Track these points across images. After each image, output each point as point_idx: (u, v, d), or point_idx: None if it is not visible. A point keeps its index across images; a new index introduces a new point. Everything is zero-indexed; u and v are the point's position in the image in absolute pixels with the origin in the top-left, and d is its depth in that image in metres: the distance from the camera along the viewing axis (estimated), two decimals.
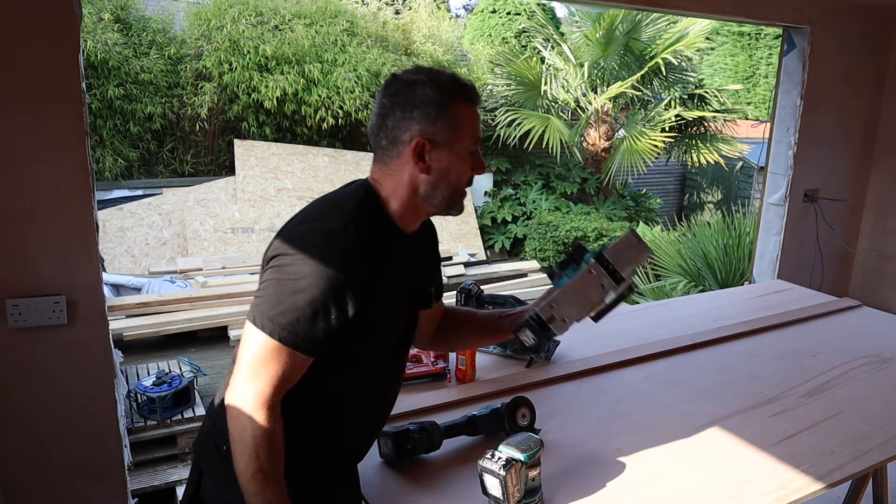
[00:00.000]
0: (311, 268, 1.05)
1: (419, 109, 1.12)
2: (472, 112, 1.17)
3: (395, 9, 8.24)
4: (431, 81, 1.14)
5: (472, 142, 1.17)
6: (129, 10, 6.92)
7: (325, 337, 1.08)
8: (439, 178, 1.16)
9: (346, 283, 1.07)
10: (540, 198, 8.07)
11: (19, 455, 1.87)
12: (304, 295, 1.05)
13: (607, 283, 1.30)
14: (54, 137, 1.76)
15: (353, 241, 1.08)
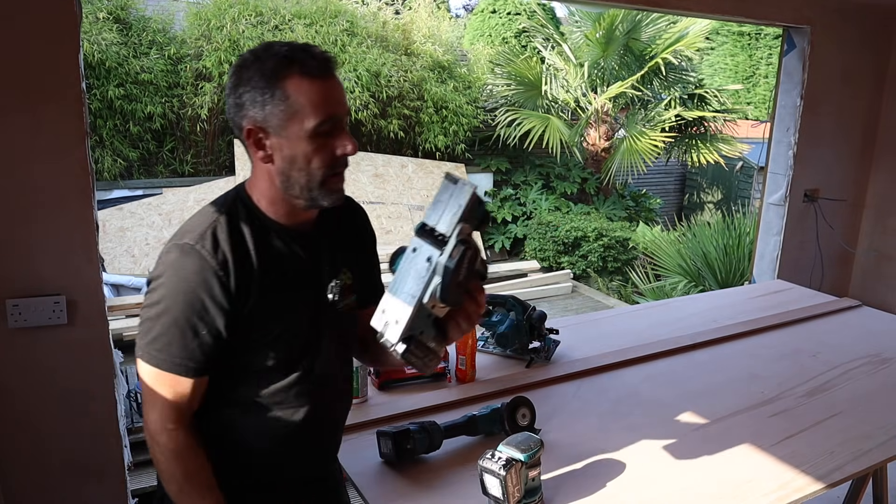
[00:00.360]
0: (167, 289, 1.04)
1: (247, 94, 1.03)
2: (312, 86, 1.02)
3: (395, 9, 8.23)
4: (257, 59, 1.03)
5: (317, 120, 1.02)
6: (128, 9, 6.92)
7: (203, 354, 1.05)
8: (287, 167, 1.05)
9: (204, 296, 1.03)
10: (540, 198, 8.07)
11: (19, 455, 1.87)
12: (167, 318, 1.03)
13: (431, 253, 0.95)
14: (54, 137, 1.75)
15: (208, 252, 1.03)
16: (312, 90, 1.02)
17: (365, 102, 7.12)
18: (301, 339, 1.15)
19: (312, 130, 1.03)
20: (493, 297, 1.94)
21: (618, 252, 6.93)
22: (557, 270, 6.92)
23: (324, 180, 1.07)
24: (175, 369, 1.05)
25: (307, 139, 1.03)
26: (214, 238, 1.05)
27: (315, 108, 1.02)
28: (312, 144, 1.04)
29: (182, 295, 1.03)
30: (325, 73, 1.04)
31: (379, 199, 7.11)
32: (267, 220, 1.11)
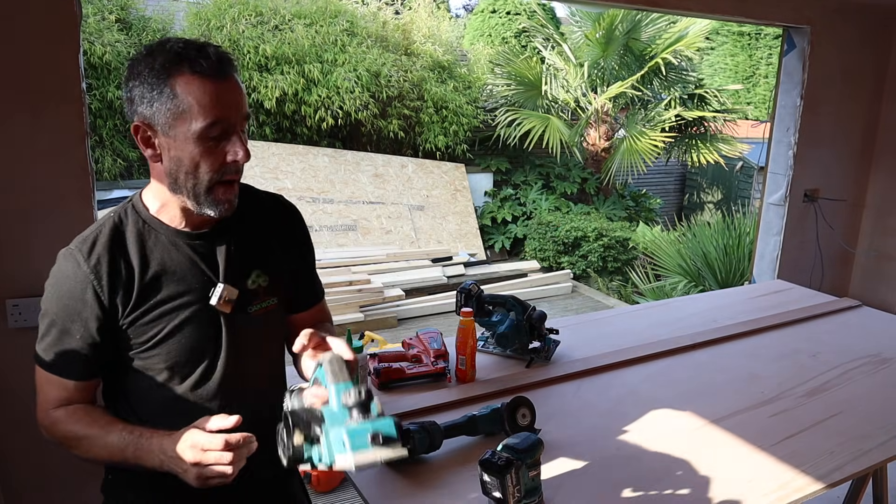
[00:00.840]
0: (47, 293, 1.06)
1: (136, 89, 0.99)
2: (203, 86, 0.97)
3: (395, 9, 8.24)
4: (150, 54, 0.98)
5: (205, 122, 0.98)
6: (129, 10, 6.93)
7: (81, 357, 1.06)
8: (175, 168, 1.01)
9: (76, 301, 1.04)
10: (540, 198, 8.07)
11: (19, 455, 1.87)
12: (47, 320, 1.07)
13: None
14: (54, 137, 1.76)
15: (83, 257, 1.04)
16: (202, 90, 0.97)
17: (365, 102, 7.12)
18: (191, 343, 1.10)
19: (200, 132, 0.98)
20: (493, 297, 1.94)
21: (618, 252, 6.94)
22: (557, 270, 6.93)
23: (211, 187, 1.03)
24: (56, 371, 1.08)
25: (194, 141, 0.99)
26: (93, 243, 1.05)
27: (203, 110, 0.97)
28: (199, 147, 0.99)
29: (56, 300, 1.05)
30: (219, 73, 0.99)
31: (379, 199, 7.11)
32: (156, 224, 1.09)
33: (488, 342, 1.96)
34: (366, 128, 7.45)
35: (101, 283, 1.04)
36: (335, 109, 7.02)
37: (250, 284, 1.15)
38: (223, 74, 1.00)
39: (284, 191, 6.74)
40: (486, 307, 1.92)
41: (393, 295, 5.65)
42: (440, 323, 5.49)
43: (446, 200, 7.50)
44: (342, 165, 7.14)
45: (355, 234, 6.79)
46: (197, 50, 0.99)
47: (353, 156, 7.30)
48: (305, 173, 6.92)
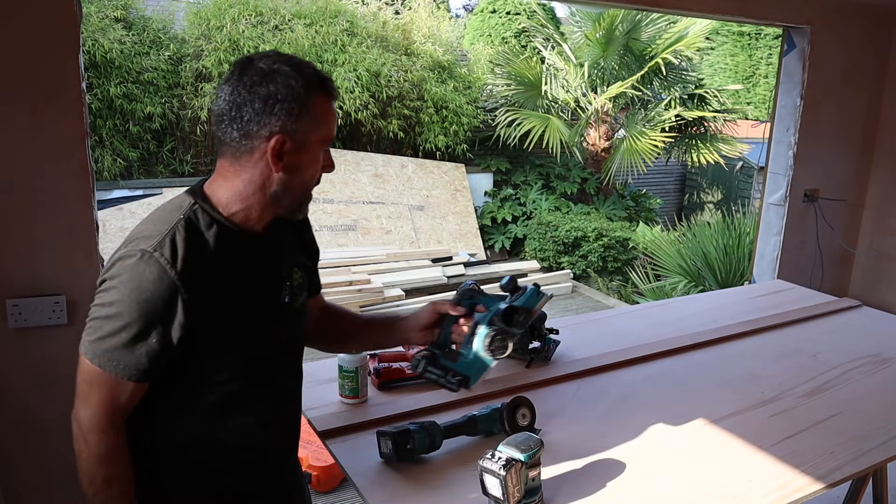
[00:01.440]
0: (121, 294, 1.02)
1: (283, 104, 1.04)
2: (330, 108, 1.10)
3: (395, 9, 8.24)
4: (296, 73, 1.05)
5: (329, 139, 1.12)
6: (129, 9, 6.93)
7: (149, 361, 1.05)
8: (293, 178, 1.10)
9: (160, 306, 1.02)
10: (540, 198, 8.07)
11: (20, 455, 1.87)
12: (118, 321, 1.02)
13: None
14: (54, 137, 1.76)
15: (167, 261, 1.02)
16: (329, 111, 1.11)
17: (365, 102, 7.12)
18: (264, 340, 1.17)
19: (323, 147, 1.12)
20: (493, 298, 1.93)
21: (618, 252, 6.94)
22: (557, 270, 6.93)
23: (310, 196, 1.16)
24: (118, 372, 1.05)
25: (318, 154, 1.12)
26: (173, 246, 1.03)
27: (329, 128, 1.11)
28: (317, 160, 1.12)
29: (137, 303, 1.02)
30: (337, 97, 1.14)
31: (379, 199, 7.11)
32: (228, 224, 1.10)
33: None
34: (366, 128, 7.45)
35: (188, 287, 1.03)
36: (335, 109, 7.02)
37: (294, 281, 1.24)
38: (337, 97, 1.15)
39: None
40: None
41: (393, 295, 5.65)
42: None
43: (446, 200, 7.50)
44: (342, 165, 7.14)
45: (355, 234, 6.78)
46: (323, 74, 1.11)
47: (353, 156, 7.30)
48: None
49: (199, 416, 1.14)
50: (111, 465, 1.08)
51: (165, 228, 1.05)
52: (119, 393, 1.06)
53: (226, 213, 1.10)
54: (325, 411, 1.58)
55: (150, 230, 1.06)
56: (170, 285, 1.02)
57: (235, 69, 1.07)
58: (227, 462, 1.19)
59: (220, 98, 1.07)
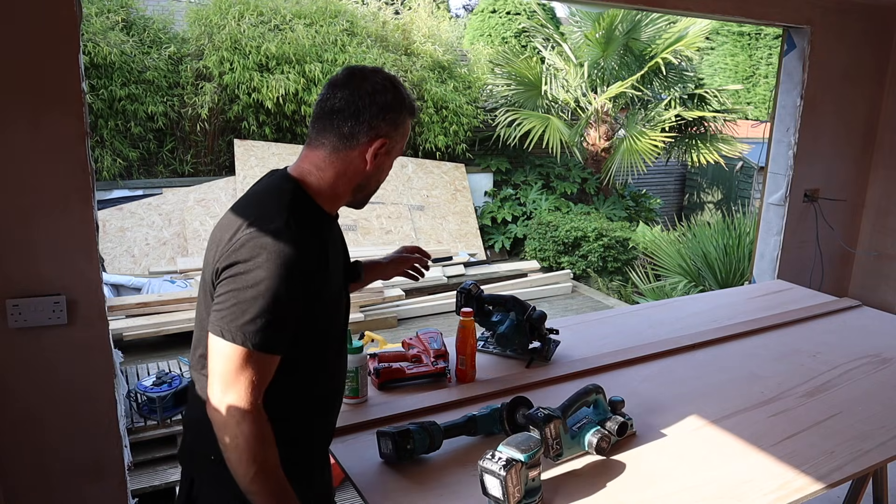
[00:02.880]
0: (267, 271, 1.06)
1: (391, 114, 1.21)
2: (409, 127, 1.29)
3: (395, 9, 8.23)
4: (401, 92, 1.24)
5: (400, 153, 1.29)
6: (129, 9, 6.93)
7: (292, 333, 1.13)
8: (374, 177, 1.25)
9: (301, 277, 1.10)
10: (540, 198, 8.07)
11: (20, 455, 1.87)
12: (267, 298, 1.06)
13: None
14: (54, 137, 1.76)
15: (297, 234, 1.10)
16: (408, 130, 1.29)
17: None
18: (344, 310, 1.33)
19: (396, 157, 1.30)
20: (493, 297, 1.94)
21: (618, 252, 6.93)
22: (557, 270, 6.92)
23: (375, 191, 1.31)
24: (269, 348, 1.09)
25: (392, 161, 1.29)
26: (298, 221, 1.12)
27: (405, 143, 1.29)
28: (390, 166, 1.29)
29: (283, 278, 1.07)
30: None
31: (379, 198, 7.11)
32: (321, 210, 1.22)
33: (488, 342, 1.96)
34: None
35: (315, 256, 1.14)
36: None
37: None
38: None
39: None
40: (486, 307, 1.92)
41: (393, 295, 5.64)
42: (440, 323, 5.49)
43: (446, 200, 7.50)
44: None
45: (355, 234, 6.78)
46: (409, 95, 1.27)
47: None
48: None
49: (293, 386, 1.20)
50: (269, 443, 1.10)
51: (282, 209, 1.13)
52: (268, 370, 1.11)
53: (317, 198, 1.21)
54: None
55: (265, 211, 1.12)
56: (307, 259, 1.11)
57: (353, 77, 1.21)
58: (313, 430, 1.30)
59: (335, 98, 1.19)
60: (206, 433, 1.12)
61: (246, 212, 1.14)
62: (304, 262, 1.10)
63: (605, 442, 1.40)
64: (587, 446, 1.40)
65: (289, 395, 1.19)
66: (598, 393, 1.50)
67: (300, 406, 1.24)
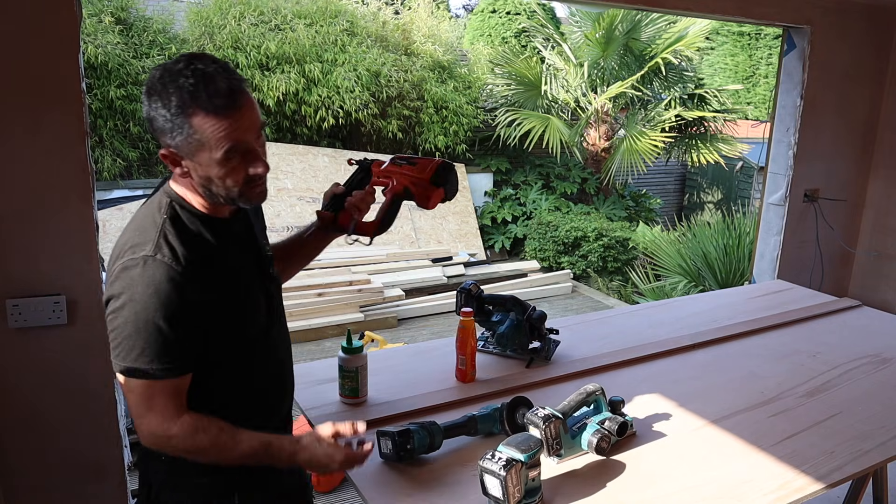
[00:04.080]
0: (141, 303, 1.07)
1: (158, 122, 1.07)
2: (217, 123, 1.05)
3: (395, 9, 8.23)
4: (164, 87, 1.05)
5: (223, 151, 1.07)
6: (129, 10, 6.92)
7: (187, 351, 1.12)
8: (206, 183, 1.12)
9: (180, 296, 1.08)
10: (540, 198, 8.07)
11: (20, 455, 1.87)
12: (149, 329, 1.07)
13: None
14: (54, 137, 1.75)
15: (169, 256, 1.09)
16: (216, 127, 1.05)
17: (365, 102, 7.12)
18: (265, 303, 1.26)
19: (220, 160, 1.08)
20: (493, 297, 1.94)
21: (618, 252, 6.93)
22: (557, 270, 6.92)
23: (241, 192, 1.13)
24: (169, 374, 1.10)
25: (217, 165, 1.09)
26: (169, 244, 1.10)
27: (220, 141, 1.06)
28: (224, 169, 1.09)
29: (157, 307, 1.07)
30: (231, 107, 1.06)
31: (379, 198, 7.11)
32: (201, 215, 1.17)
33: (488, 342, 1.96)
34: (366, 128, 7.45)
35: (195, 277, 1.10)
36: (335, 109, 7.02)
37: (268, 251, 1.33)
38: (232, 108, 1.07)
39: (284, 191, 6.75)
40: (486, 307, 1.92)
41: (393, 295, 5.64)
42: (440, 323, 5.49)
43: None
44: (342, 165, 7.14)
45: None
46: (206, 85, 1.04)
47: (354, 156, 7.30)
48: (305, 173, 6.92)
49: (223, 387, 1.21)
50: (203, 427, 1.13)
51: (154, 231, 1.10)
52: (179, 387, 1.13)
53: (194, 204, 1.17)
54: (325, 411, 1.59)
55: (138, 238, 1.11)
56: (179, 281, 1.08)
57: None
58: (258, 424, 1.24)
59: None
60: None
61: (124, 237, 1.14)
62: (182, 281, 1.08)
63: (605, 442, 1.40)
64: (587, 446, 1.40)
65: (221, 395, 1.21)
66: (598, 393, 1.50)
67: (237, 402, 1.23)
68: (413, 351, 2.19)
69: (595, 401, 1.50)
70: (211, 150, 1.07)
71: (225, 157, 1.08)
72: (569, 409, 1.43)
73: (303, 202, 6.66)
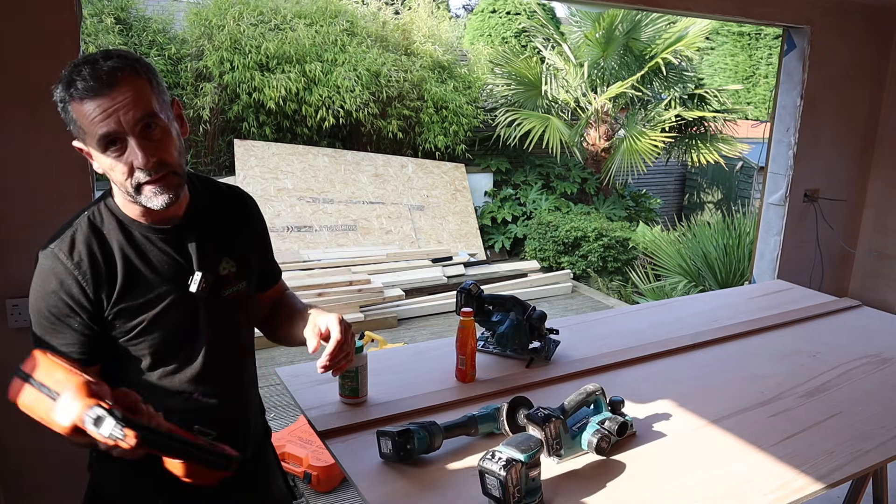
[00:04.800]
0: (35, 294, 1.13)
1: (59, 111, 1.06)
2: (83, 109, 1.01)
3: (395, 9, 8.23)
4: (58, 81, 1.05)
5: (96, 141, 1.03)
6: (129, 10, 6.93)
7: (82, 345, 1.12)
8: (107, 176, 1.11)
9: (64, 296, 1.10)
10: (540, 198, 8.07)
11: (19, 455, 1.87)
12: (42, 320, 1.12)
13: None
14: (54, 137, 1.75)
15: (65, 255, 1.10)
16: (83, 112, 1.02)
17: (365, 101, 7.12)
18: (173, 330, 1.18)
19: (98, 149, 1.04)
20: (493, 297, 1.94)
21: (618, 252, 6.93)
22: (557, 270, 6.92)
23: (137, 187, 1.07)
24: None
25: (101, 156, 1.06)
26: (72, 241, 1.11)
27: (91, 128, 1.02)
28: (107, 160, 1.06)
29: (45, 298, 1.11)
30: (96, 90, 1.01)
31: (379, 199, 7.11)
32: (128, 220, 1.15)
33: (488, 342, 1.96)
34: (366, 128, 7.45)
35: (86, 277, 1.10)
36: (336, 109, 7.02)
37: (221, 271, 1.23)
38: (101, 89, 1.01)
39: (285, 191, 6.75)
40: (486, 307, 1.92)
41: (393, 295, 5.64)
42: (440, 323, 5.49)
43: (446, 200, 7.50)
44: (342, 165, 7.14)
45: (355, 234, 6.78)
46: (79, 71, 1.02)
47: (353, 156, 7.30)
48: (305, 173, 6.92)
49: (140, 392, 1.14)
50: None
51: (70, 228, 1.14)
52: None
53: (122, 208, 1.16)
54: (325, 411, 1.59)
55: (57, 232, 1.14)
56: (68, 276, 1.09)
57: None
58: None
59: None
60: None
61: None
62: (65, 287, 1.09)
63: (605, 442, 1.40)
64: (587, 446, 1.40)
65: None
66: (598, 393, 1.50)
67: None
68: (413, 351, 2.19)
69: (595, 401, 1.50)
70: (88, 140, 1.05)
71: (101, 148, 1.04)
72: (569, 409, 1.43)
73: (303, 202, 6.66)
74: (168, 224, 1.17)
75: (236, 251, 1.26)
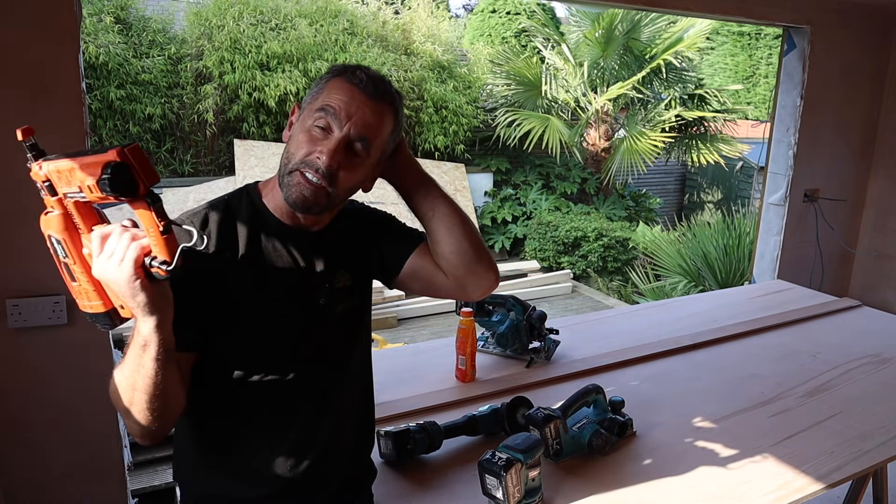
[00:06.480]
0: None
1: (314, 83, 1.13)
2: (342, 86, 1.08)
3: (395, 8, 8.24)
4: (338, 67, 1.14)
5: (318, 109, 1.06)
6: (129, 10, 6.93)
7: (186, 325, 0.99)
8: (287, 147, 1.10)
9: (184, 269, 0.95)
10: (540, 198, 8.07)
11: (19, 455, 1.87)
12: None
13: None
14: (54, 137, 1.75)
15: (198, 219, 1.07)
16: (340, 88, 1.06)
17: None
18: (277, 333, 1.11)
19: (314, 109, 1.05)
20: (493, 297, 1.93)
21: (618, 252, 6.94)
22: (557, 270, 6.93)
23: (293, 170, 1.05)
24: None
25: (306, 116, 1.06)
26: (205, 218, 1.08)
27: (327, 97, 1.05)
28: (307, 122, 1.05)
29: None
30: (364, 88, 1.07)
31: (379, 199, 7.08)
32: (268, 217, 1.11)
33: (488, 342, 1.96)
34: None
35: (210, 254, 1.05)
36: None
37: (337, 283, 1.16)
38: (367, 89, 1.07)
39: None
40: (486, 307, 1.92)
41: (393, 295, 5.64)
42: (440, 323, 5.49)
43: None
44: None
45: None
46: (361, 67, 1.11)
47: None
48: None
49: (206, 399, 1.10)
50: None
51: (204, 207, 1.10)
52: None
53: (266, 205, 1.12)
54: None
55: (193, 209, 1.11)
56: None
57: None
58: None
59: None
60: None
61: None
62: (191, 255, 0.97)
63: (605, 442, 1.40)
64: (587, 446, 1.40)
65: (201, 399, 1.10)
66: (598, 393, 1.50)
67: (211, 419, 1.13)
68: (413, 351, 2.19)
69: (595, 401, 1.50)
70: (317, 103, 1.06)
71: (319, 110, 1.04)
72: (569, 410, 1.43)
73: None
74: (307, 230, 1.13)
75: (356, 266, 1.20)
